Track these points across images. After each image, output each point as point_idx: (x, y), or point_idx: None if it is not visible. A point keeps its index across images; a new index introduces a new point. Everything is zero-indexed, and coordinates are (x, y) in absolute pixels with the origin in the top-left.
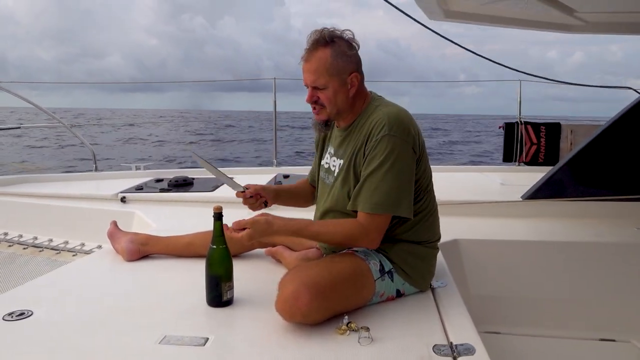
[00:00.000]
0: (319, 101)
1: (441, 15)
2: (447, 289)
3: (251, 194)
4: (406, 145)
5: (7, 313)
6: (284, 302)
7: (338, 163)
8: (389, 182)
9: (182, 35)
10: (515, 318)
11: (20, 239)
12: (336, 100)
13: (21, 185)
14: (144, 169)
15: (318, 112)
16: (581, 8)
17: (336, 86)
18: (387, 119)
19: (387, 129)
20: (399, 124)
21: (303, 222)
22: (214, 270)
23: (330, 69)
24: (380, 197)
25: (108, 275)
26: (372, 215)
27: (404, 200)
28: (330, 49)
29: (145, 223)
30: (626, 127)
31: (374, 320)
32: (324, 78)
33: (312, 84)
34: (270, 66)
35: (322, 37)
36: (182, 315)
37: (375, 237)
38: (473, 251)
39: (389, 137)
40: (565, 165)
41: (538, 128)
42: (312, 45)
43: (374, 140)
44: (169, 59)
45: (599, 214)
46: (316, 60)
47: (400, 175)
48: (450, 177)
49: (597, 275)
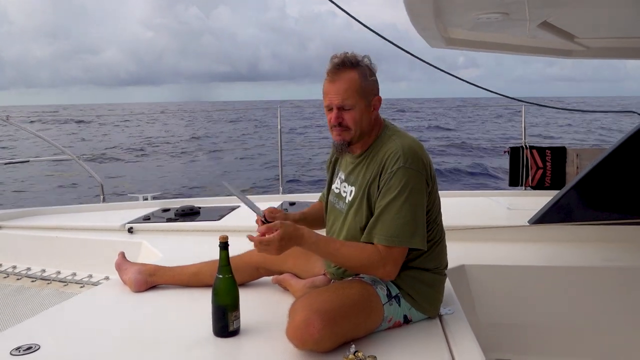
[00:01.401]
0: (343, 123)
1: (442, 43)
2: (455, 315)
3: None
4: (420, 177)
5: (15, 347)
6: (295, 330)
7: (349, 190)
8: (405, 215)
9: (178, 27)
10: (525, 345)
11: (29, 271)
12: (361, 122)
13: (29, 219)
14: (151, 199)
15: (340, 133)
16: (582, 34)
17: (362, 108)
18: (402, 150)
19: (402, 161)
20: (414, 156)
21: (327, 237)
22: (220, 300)
23: (360, 90)
24: (397, 230)
25: (115, 307)
26: (389, 248)
27: (419, 232)
28: (358, 71)
29: (152, 253)
30: (632, 151)
31: (381, 348)
32: (354, 98)
33: (341, 103)
34: (267, 55)
35: (347, 60)
36: (189, 346)
37: (392, 270)
38: (480, 277)
39: (404, 170)
40: (572, 189)
41: (543, 152)
42: (338, 66)
43: (389, 172)
44: (165, 52)
45: (607, 237)
46: (345, 81)
47: (415, 207)
48: (456, 202)
49: (607, 300)
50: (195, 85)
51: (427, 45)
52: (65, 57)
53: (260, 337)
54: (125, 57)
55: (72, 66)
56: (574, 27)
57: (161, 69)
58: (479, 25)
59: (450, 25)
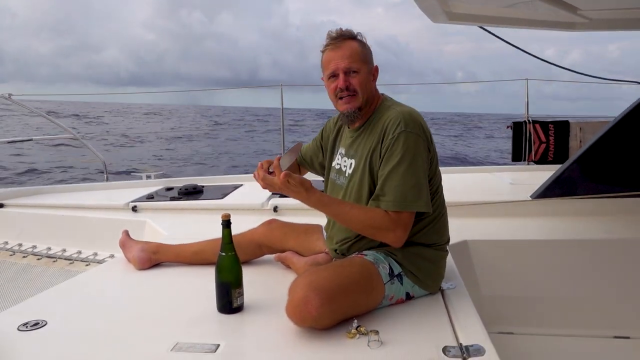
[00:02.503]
0: (350, 87)
1: (444, 18)
2: (457, 290)
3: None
4: (422, 141)
5: (22, 323)
6: (294, 307)
7: (349, 163)
8: (410, 179)
9: (180, 30)
10: (528, 318)
11: (35, 249)
12: (367, 87)
13: (34, 197)
14: (154, 177)
15: (349, 101)
16: (584, 6)
17: (366, 73)
18: (402, 116)
19: (404, 125)
20: (414, 121)
21: (335, 199)
22: (223, 277)
23: (362, 55)
24: (404, 194)
25: (120, 285)
26: (398, 213)
27: (423, 196)
28: (357, 41)
29: (156, 231)
30: (635, 123)
31: (383, 323)
32: (358, 63)
33: (348, 66)
34: (268, 62)
35: (346, 32)
36: (194, 322)
37: (401, 235)
38: (483, 252)
39: (406, 134)
40: (575, 163)
41: (546, 126)
42: (339, 36)
43: (391, 137)
44: (166, 54)
45: (609, 210)
46: (349, 47)
47: (420, 171)
48: (459, 177)
49: (610, 272)
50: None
51: (427, 59)
52: (66, 53)
53: (262, 314)
54: (126, 57)
55: (72, 63)
56: None
57: (161, 72)
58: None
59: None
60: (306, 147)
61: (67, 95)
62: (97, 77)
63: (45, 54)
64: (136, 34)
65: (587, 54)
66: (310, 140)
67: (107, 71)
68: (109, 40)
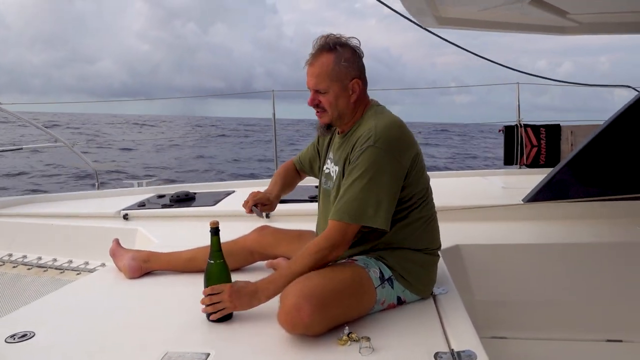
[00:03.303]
0: (320, 104)
1: (434, 23)
2: (449, 295)
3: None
4: (389, 157)
5: (10, 335)
6: (286, 314)
7: (334, 169)
8: (365, 195)
9: (174, 41)
10: (521, 322)
11: (25, 259)
12: (337, 105)
13: (24, 206)
14: (146, 185)
15: (320, 116)
16: (574, 10)
17: (337, 91)
18: (375, 130)
19: (373, 140)
20: (386, 135)
21: (279, 271)
22: (212, 285)
23: (332, 73)
24: (350, 206)
25: (110, 294)
26: (338, 223)
27: (382, 212)
28: (334, 55)
29: (147, 239)
30: (625, 126)
31: (374, 329)
32: (326, 82)
33: (314, 87)
34: (262, 73)
35: (326, 43)
36: (184, 331)
37: (338, 243)
38: (475, 256)
39: (372, 149)
40: (566, 167)
41: (538, 130)
42: (317, 50)
43: (358, 150)
44: (160, 65)
45: (601, 214)
46: (319, 65)
47: (378, 186)
48: (450, 182)
49: (602, 276)
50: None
51: (420, 70)
52: (59, 65)
53: (253, 322)
54: (119, 68)
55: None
56: (566, 2)
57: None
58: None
59: (441, 3)
60: (305, 153)
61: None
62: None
63: (38, 66)
64: (130, 45)
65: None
66: (305, 146)
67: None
68: (102, 52)
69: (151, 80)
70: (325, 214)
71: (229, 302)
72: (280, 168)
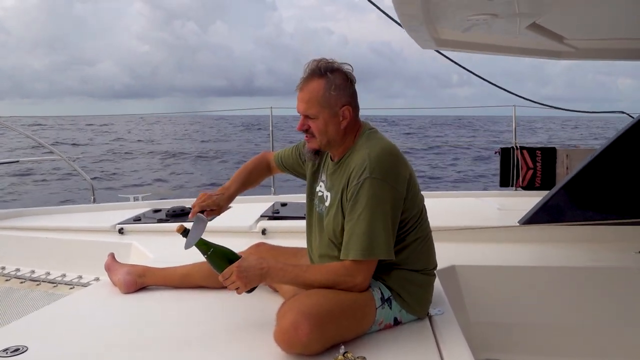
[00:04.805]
0: (309, 130)
1: (433, 45)
2: (445, 316)
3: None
4: (387, 186)
5: (3, 349)
6: (283, 333)
7: (327, 195)
8: (373, 228)
9: (174, 41)
10: (516, 344)
11: (18, 272)
12: (327, 131)
13: (18, 219)
14: (142, 199)
15: (309, 141)
16: (571, 35)
17: (327, 117)
18: (369, 160)
19: (369, 171)
20: (381, 165)
21: (293, 265)
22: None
23: (322, 100)
24: (365, 243)
25: (104, 309)
26: (358, 262)
27: (388, 242)
28: (325, 81)
29: (142, 254)
30: (621, 151)
31: (370, 349)
32: (315, 108)
33: (304, 112)
34: (263, 71)
35: (317, 68)
36: (179, 347)
37: (362, 281)
38: (471, 277)
39: (370, 181)
40: (562, 190)
41: (534, 153)
42: (307, 75)
43: (355, 183)
44: (161, 66)
45: (596, 238)
46: (309, 91)
47: (383, 218)
48: (446, 202)
49: (597, 300)
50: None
51: (422, 64)
52: (61, 68)
53: (248, 338)
54: (120, 70)
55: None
56: (563, 28)
57: (156, 83)
58: (469, 26)
59: (440, 26)
60: (286, 154)
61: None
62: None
63: (40, 70)
64: (130, 46)
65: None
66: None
67: (102, 85)
68: (103, 54)
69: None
70: (318, 234)
71: (240, 283)
72: (250, 162)
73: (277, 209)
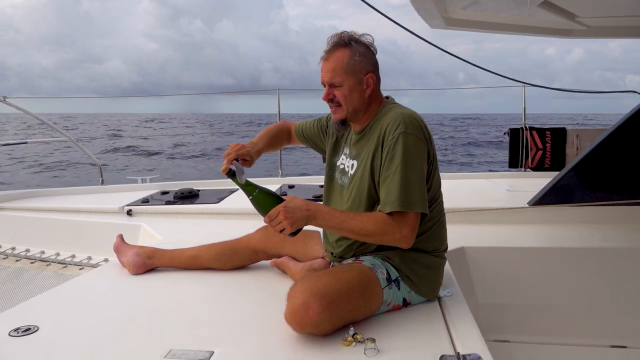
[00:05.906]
0: (335, 99)
1: (442, 24)
2: (454, 298)
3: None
4: (421, 142)
5: (14, 329)
6: (294, 313)
7: (351, 164)
8: (412, 180)
9: (181, 39)
10: (525, 326)
11: (28, 253)
12: (352, 98)
13: (28, 200)
14: (150, 181)
15: (335, 111)
16: (582, 13)
17: (352, 84)
18: (402, 117)
19: (403, 126)
20: (414, 123)
21: (338, 210)
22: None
23: (347, 67)
24: (407, 195)
25: (114, 289)
26: (403, 213)
27: (423, 196)
28: (349, 49)
29: (151, 236)
30: (632, 131)
31: (380, 330)
32: (341, 76)
33: (329, 81)
34: (269, 68)
35: (341, 39)
36: (188, 328)
37: (408, 234)
38: (480, 259)
39: (405, 135)
40: (572, 171)
41: (543, 133)
42: (332, 46)
43: (391, 138)
44: (168, 63)
45: (606, 219)
46: (334, 60)
47: (420, 172)
48: (455, 184)
49: (607, 281)
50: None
51: (428, 61)
52: (69, 66)
53: (257, 321)
54: (128, 68)
55: (75, 75)
56: (575, 5)
57: (164, 81)
58: (479, 4)
59: (449, 4)
60: (307, 125)
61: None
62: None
63: (47, 67)
64: (138, 44)
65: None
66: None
67: (110, 82)
68: (110, 52)
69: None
70: (337, 206)
71: (286, 224)
72: (274, 126)
73: (284, 192)
